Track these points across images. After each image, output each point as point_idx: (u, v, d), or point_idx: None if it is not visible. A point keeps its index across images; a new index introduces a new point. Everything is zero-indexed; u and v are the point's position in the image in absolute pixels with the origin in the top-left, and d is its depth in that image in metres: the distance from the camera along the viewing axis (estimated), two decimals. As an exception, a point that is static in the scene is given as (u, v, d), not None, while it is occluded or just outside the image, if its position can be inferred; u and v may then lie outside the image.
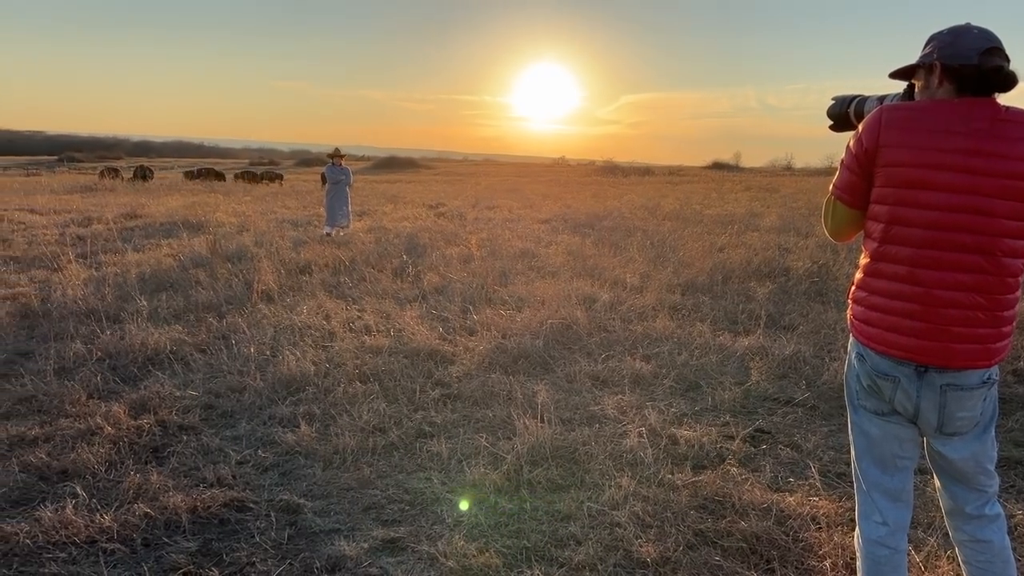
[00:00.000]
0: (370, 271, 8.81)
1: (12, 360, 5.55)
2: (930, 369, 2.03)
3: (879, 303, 2.09)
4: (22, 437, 4.15)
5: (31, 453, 3.91)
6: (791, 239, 11.59)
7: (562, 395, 4.84)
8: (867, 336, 2.12)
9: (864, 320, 2.14)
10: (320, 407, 4.58)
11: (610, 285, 8.14)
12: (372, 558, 3.00)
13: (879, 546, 2.21)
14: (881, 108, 2.06)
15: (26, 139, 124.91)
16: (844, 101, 2.39)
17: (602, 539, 3.10)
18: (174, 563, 2.94)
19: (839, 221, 2.22)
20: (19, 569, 2.89)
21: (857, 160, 2.09)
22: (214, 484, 3.59)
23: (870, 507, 2.24)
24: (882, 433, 2.18)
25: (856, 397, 2.23)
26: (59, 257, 9.34)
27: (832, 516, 3.25)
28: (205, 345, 5.84)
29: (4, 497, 3.48)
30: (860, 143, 2.08)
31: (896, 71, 2.17)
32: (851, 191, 2.14)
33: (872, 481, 2.24)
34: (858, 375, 2.20)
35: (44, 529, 3.13)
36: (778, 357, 5.53)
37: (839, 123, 2.41)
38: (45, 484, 3.62)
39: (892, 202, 2.03)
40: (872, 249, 2.11)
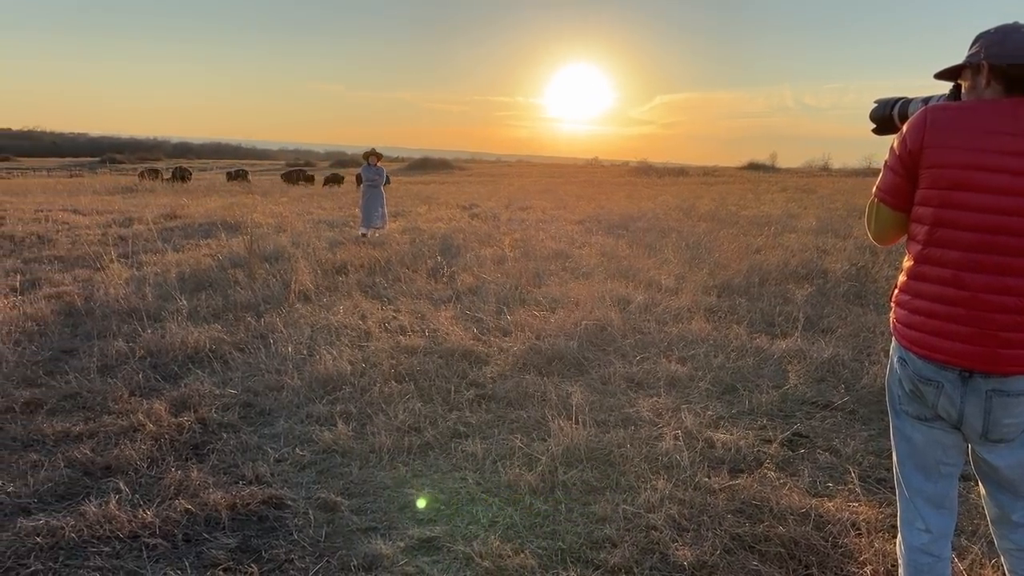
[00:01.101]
0: (405, 272, 8.87)
1: (57, 357, 5.68)
2: (975, 374, 1.99)
3: (923, 307, 2.05)
4: (67, 433, 4.25)
5: (76, 449, 4.00)
6: (829, 241, 11.44)
7: (597, 397, 4.82)
8: (910, 340, 2.09)
9: (907, 324, 2.10)
10: (356, 406, 4.62)
11: (645, 286, 8.10)
12: (408, 557, 3.02)
13: (922, 554, 2.17)
14: (926, 109, 2.02)
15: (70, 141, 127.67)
16: (887, 104, 2.35)
17: (638, 542, 3.09)
18: (214, 559, 2.98)
19: (882, 224, 2.19)
20: (65, 563, 2.95)
21: (901, 162, 2.06)
22: (253, 481, 3.64)
23: (912, 514, 2.21)
24: (925, 439, 2.15)
25: (898, 402, 2.19)
26: (101, 257, 9.54)
27: (873, 522, 3.19)
28: (244, 344, 5.92)
29: (50, 492, 3.56)
30: (904, 144, 2.04)
31: (942, 71, 2.12)
32: (895, 193, 2.10)
33: (915, 487, 2.20)
34: (900, 380, 2.16)
35: (89, 524, 3.19)
36: (816, 360, 5.46)
37: (882, 126, 2.37)
38: (89, 479, 3.70)
39: (937, 204, 2.00)
40: (916, 252, 2.08)
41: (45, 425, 4.33)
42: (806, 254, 9.94)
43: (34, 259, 10.44)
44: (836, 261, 9.28)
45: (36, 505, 3.42)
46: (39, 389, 4.93)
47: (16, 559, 2.95)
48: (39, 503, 3.44)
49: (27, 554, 2.99)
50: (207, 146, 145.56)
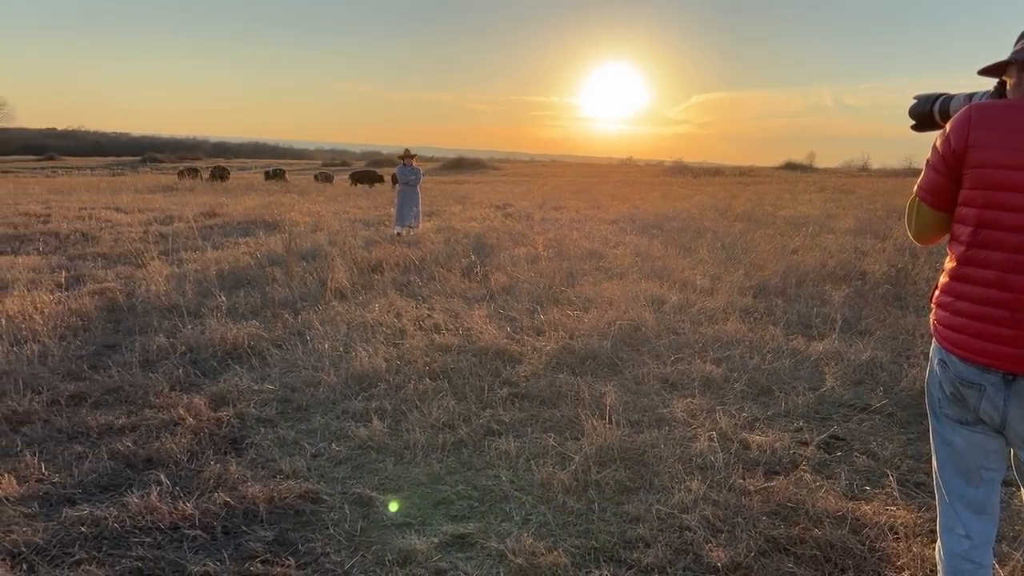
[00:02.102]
0: (439, 270, 8.91)
1: (100, 352, 5.80)
2: (1019, 378, 1.95)
3: (965, 308, 2.02)
4: (110, 426, 4.34)
5: (118, 441, 4.09)
6: (868, 242, 11.27)
7: (630, 397, 4.81)
8: (951, 342, 2.05)
9: (948, 326, 2.07)
10: (391, 403, 4.66)
11: (679, 287, 8.06)
12: (442, 553, 3.05)
13: (962, 560, 2.14)
14: (970, 107, 1.99)
15: (112, 140, 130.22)
16: (928, 100, 2.29)
17: (671, 542, 3.08)
18: (252, 551, 3.03)
19: (923, 223, 2.16)
20: (108, 552, 3.02)
21: (944, 161, 2.03)
22: (290, 476, 3.70)
23: (953, 519, 2.17)
24: (966, 443, 2.11)
25: (938, 405, 2.16)
26: (143, 254, 9.73)
27: (911, 526, 3.15)
28: (281, 341, 6.00)
29: (94, 483, 3.65)
30: (948, 143, 2.01)
31: (986, 68, 2.08)
32: (936, 193, 2.07)
33: (955, 493, 2.16)
34: (940, 382, 2.13)
35: (131, 514, 3.27)
36: (854, 363, 5.39)
37: (922, 123, 2.32)
38: (131, 471, 3.78)
39: (981, 205, 1.96)
40: (959, 253, 2.04)
41: (89, 418, 4.43)
42: (844, 255, 9.80)
43: (78, 256, 10.68)
44: (875, 263, 9.14)
45: (80, 496, 3.51)
46: (83, 383, 5.04)
47: (61, 548, 3.03)
48: (83, 494, 3.53)
49: (72, 543, 3.07)
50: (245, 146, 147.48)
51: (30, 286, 7.81)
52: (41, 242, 12.01)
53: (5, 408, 4.50)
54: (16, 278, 8.25)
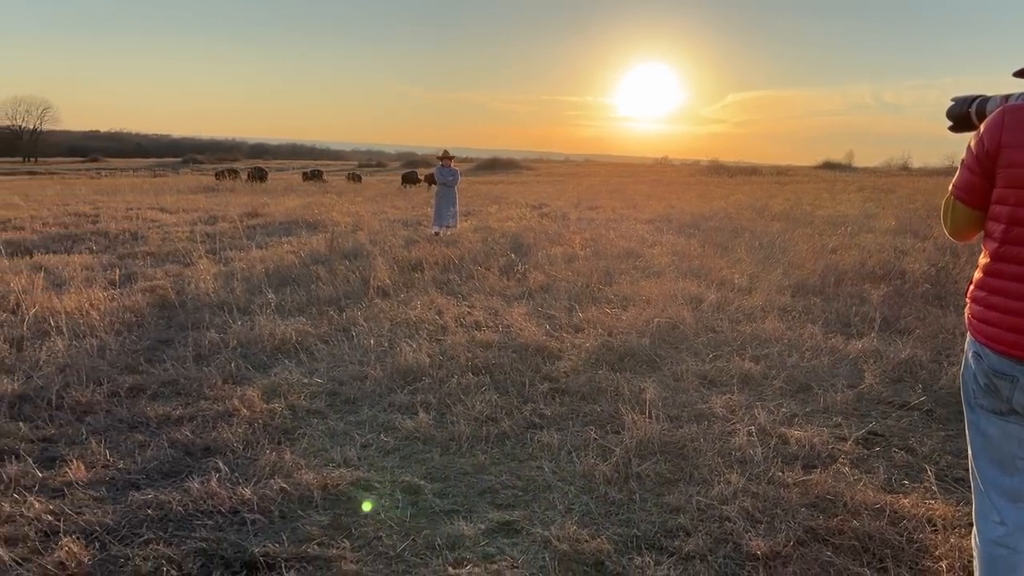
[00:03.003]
0: (478, 269, 9.05)
1: (154, 347, 6.03)
2: None
3: (998, 303, 2.09)
4: (168, 416, 4.54)
5: (177, 431, 4.28)
6: (907, 241, 11.18)
7: (669, 393, 4.90)
8: (985, 335, 2.13)
9: (982, 319, 2.14)
10: (436, 396, 4.80)
11: (717, 286, 8.10)
12: (489, 538, 3.17)
13: (997, 546, 2.21)
14: (1004, 108, 2.06)
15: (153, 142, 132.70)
16: (964, 101, 2.36)
17: (711, 531, 3.17)
18: (309, 534, 3.18)
19: (958, 221, 2.24)
20: (174, 533, 3.19)
21: (978, 160, 2.10)
22: (341, 464, 3.85)
23: (988, 507, 2.24)
24: (1000, 433, 2.18)
25: (973, 396, 2.23)
26: (191, 253, 10.01)
27: (949, 519, 3.20)
28: (327, 336, 6.19)
29: (156, 469, 3.83)
30: (981, 144, 2.09)
31: (1021, 70, 2.15)
32: (971, 191, 2.15)
33: (990, 481, 2.23)
34: (975, 374, 2.20)
35: (193, 499, 3.44)
36: (893, 361, 5.41)
37: (959, 124, 2.39)
38: (191, 459, 3.96)
39: (1014, 203, 2.03)
40: (992, 249, 2.12)
41: (148, 408, 4.64)
42: (883, 255, 9.75)
43: (128, 254, 11.02)
44: (915, 262, 9.09)
45: (144, 481, 3.69)
46: (140, 375, 5.26)
47: (130, 528, 3.22)
48: (147, 479, 3.72)
49: (139, 524, 3.25)
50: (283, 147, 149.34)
51: (85, 284, 8.10)
52: (92, 241, 12.39)
53: (70, 399, 4.72)
54: (72, 276, 8.56)
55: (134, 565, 2.93)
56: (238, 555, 3.01)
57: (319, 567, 2.96)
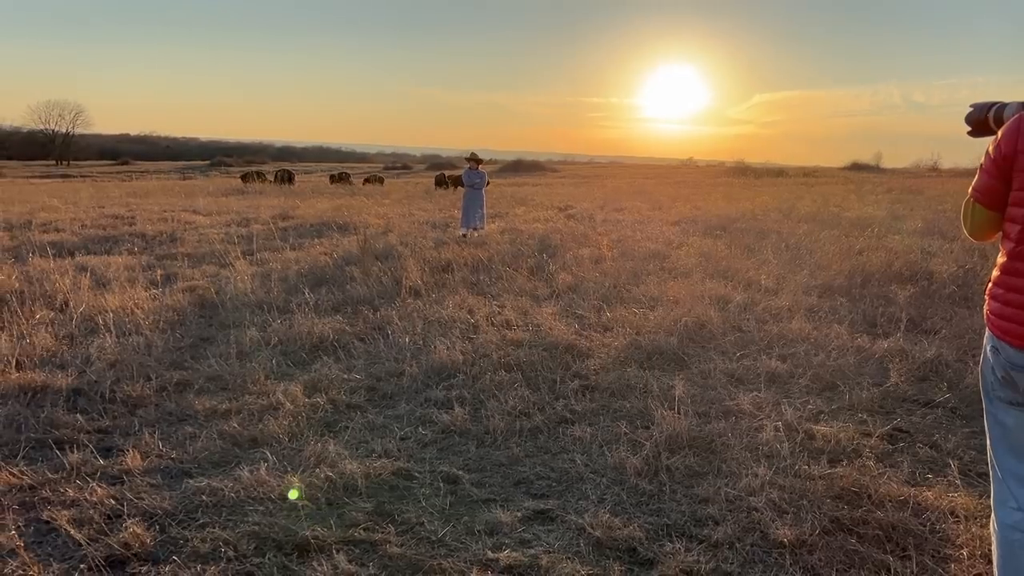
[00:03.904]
0: (506, 270, 9.21)
1: (197, 344, 6.26)
2: None
3: (1015, 299, 2.21)
4: (215, 410, 4.75)
5: (224, 423, 4.48)
6: (935, 243, 11.18)
7: (697, 390, 5.02)
8: (1002, 330, 2.25)
9: (1000, 315, 2.26)
10: (470, 392, 4.97)
11: (744, 286, 8.20)
12: (525, 525, 3.33)
13: (1014, 531, 2.33)
14: (1020, 115, 2.18)
15: (182, 145, 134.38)
16: (983, 108, 2.49)
17: (739, 521, 3.30)
18: (354, 520, 3.36)
19: (977, 222, 2.37)
20: (228, 517, 3.38)
21: (995, 164, 2.23)
22: (382, 455, 4.02)
23: (1005, 494, 2.36)
24: (1017, 423, 2.30)
25: (991, 388, 2.36)
26: (227, 254, 10.28)
27: (971, 510, 3.31)
28: (364, 335, 6.38)
29: (207, 459, 4.03)
30: (999, 148, 2.21)
31: None
32: (989, 194, 2.28)
33: (1007, 469, 2.35)
34: (993, 367, 2.32)
35: (244, 486, 3.63)
36: (919, 360, 5.49)
37: (977, 129, 2.51)
38: (239, 449, 4.16)
39: None
40: (1010, 249, 2.24)
41: (195, 402, 4.85)
42: (911, 256, 9.78)
43: (166, 256, 11.32)
44: (942, 263, 9.11)
45: (197, 470, 3.89)
46: (186, 371, 5.48)
47: (187, 513, 3.41)
48: (199, 468, 3.92)
49: (195, 509, 3.44)
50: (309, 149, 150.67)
51: (128, 283, 8.37)
52: (130, 243, 12.71)
53: (122, 393, 4.95)
54: (115, 276, 8.85)
55: (193, 546, 3.12)
56: (289, 538, 3.18)
57: (365, 550, 3.13)
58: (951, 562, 2.96)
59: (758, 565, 3.00)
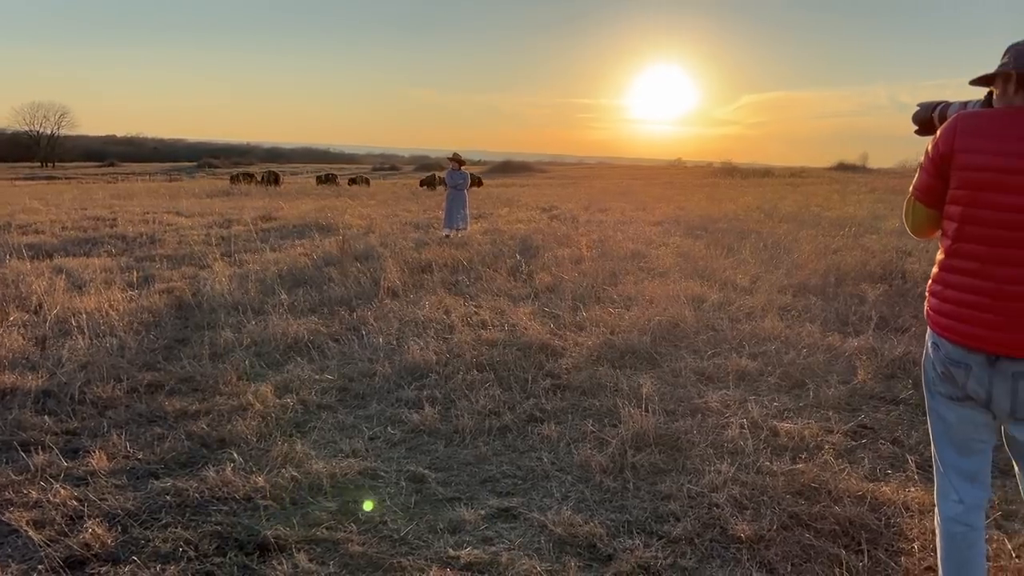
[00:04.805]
0: (486, 270, 9.23)
1: (171, 346, 6.25)
2: (1001, 358, 2.18)
3: (952, 296, 2.25)
4: (185, 411, 4.75)
5: (193, 424, 4.49)
6: (912, 242, 11.25)
7: (667, 388, 5.06)
8: (941, 326, 2.29)
9: (938, 311, 2.31)
10: (441, 392, 4.99)
11: (720, 286, 8.25)
12: (488, 523, 3.35)
13: (955, 523, 2.37)
14: (957, 115, 2.23)
15: (169, 146, 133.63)
16: (929, 107, 2.55)
17: (700, 517, 3.34)
18: (318, 519, 3.37)
19: (918, 220, 2.42)
20: (191, 518, 3.39)
21: (934, 163, 2.27)
22: (350, 455, 4.04)
23: (947, 487, 2.40)
24: (957, 417, 2.34)
25: (932, 384, 2.40)
26: (206, 255, 10.25)
27: (925, 504, 3.35)
28: (338, 335, 6.38)
29: (174, 460, 4.03)
30: (936, 147, 2.26)
31: (976, 79, 2.31)
32: (928, 192, 2.32)
33: (949, 463, 2.40)
34: (933, 363, 2.37)
35: (209, 486, 3.64)
36: (887, 358, 5.55)
37: (924, 128, 2.57)
38: (207, 450, 4.16)
39: (965, 203, 2.20)
40: (947, 246, 2.29)
41: (166, 403, 4.85)
42: (886, 255, 9.87)
43: (145, 257, 11.28)
44: (917, 262, 9.21)
45: (163, 470, 3.89)
46: (159, 373, 5.47)
47: (150, 513, 3.41)
48: (165, 468, 3.92)
49: (159, 510, 3.45)
50: (297, 151, 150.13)
51: (104, 285, 8.34)
52: (110, 244, 12.66)
53: (92, 394, 4.94)
54: (92, 278, 8.81)
55: (154, 546, 3.13)
56: (251, 537, 3.20)
57: (327, 549, 3.14)
58: (903, 555, 3.00)
59: (715, 560, 3.03)
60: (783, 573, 2.93)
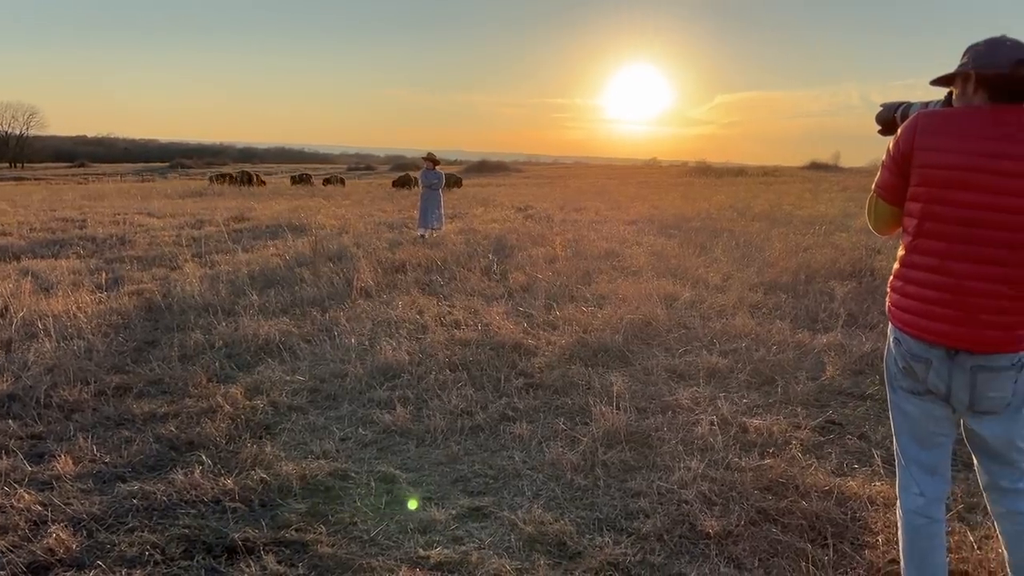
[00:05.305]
0: (460, 270, 9.22)
1: (141, 348, 6.18)
2: (960, 352, 2.22)
3: (913, 291, 2.29)
4: (154, 413, 4.70)
5: (162, 427, 4.44)
6: (881, 240, 11.41)
7: (639, 386, 5.08)
8: (902, 321, 2.33)
9: (899, 307, 2.35)
10: (414, 392, 4.98)
11: (692, 284, 8.30)
12: (459, 523, 3.35)
13: (916, 516, 2.41)
14: (917, 115, 2.27)
15: (141, 147, 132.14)
16: (892, 107, 2.59)
17: (669, 513, 3.36)
18: (287, 521, 3.35)
19: (880, 216, 2.46)
20: (158, 521, 3.36)
21: (895, 161, 2.31)
22: (320, 456, 4.02)
23: (909, 480, 2.44)
24: (919, 411, 2.38)
25: (894, 379, 2.44)
26: (177, 256, 10.15)
27: (890, 498, 3.39)
28: (310, 336, 6.35)
29: (142, 463, 3.99)
30: (897, 146, 2.30)
31: (936, 79, 2.36)
32: (889, 189, 2.36)
33: (910, 456, 2.44)
34: (895, 358, 2.41)
35: (177, 489, 3.61)
36: (856, 354, 5.62)
37: (887, 127, 2.61)
38: (175, 453, 4.12)
39: (925, 200, 2.24)
40: (907, 242, 2.32)
41: (134, 406, 4.80)
42: (856, 253, 9.98)
43: (115, 259, 11.14)
44: (886, 259, 9.31)
45: (131, 474, 3.85)
46: (127, 375, 5.41)
47: (116, 517, 3.38)
48: (133, 472, 3.88)
49: (125, 513, 3.41)
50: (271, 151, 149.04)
51: (72, 287, 8.23)
52: (79, 246, 12.48)
53: (58, 397, 4.87)
54: (59, 280, 8.69)
55: (120, 550, 3.09)
56: (219, 540, 3.17)
57: (296, 550, 3.12)
58: (868, 548, 3.05)
59: (684, 556, 3.06)
60: (750, 568, 2.96)
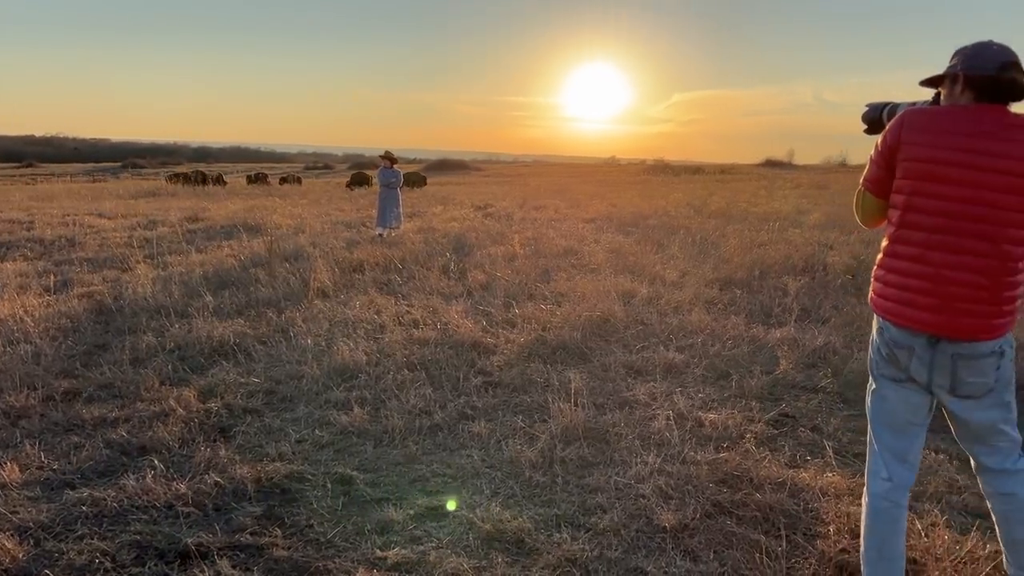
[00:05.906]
0: (419, 269, 9.19)
1: (91, 352, 6.03)
2: (941, 340, 2.33)
3: (895, 281, 2.41)
4: (104, 418, 4.60)
5: (113, 432, 4.35)
6: (833, 235, 11.65)
7: (597, 382, 5.12)
8: (885, 310, 2.44)
9: (882, 295, 2.47)
10: (371, 392, 4.94)
11: (649, 281, 8.38)
12: (417, 522, 3.34)
13: (882, 499, 2.50)
14: (905, 111, 2.40)
15: (91, 147, 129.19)
16: (878, 107, 2.72)
17: (626, 508, 3.39)
18: (241, 524, 3.31)
19: (868, 210, 2.58)
20: (108, 528, 3.29)
21: (882, 155, 2.44)
22: (276, 459, 3.97)
23: (879, 465, 2.54)
24: (897, 397, 2.48)
25: (876, 366, 2.54)
26: (128, 258, 9.94)
27: (842, 489, 3.48)
28: (266, 337, 6.26)
29: (91, 469, 3.90)
30: (885, 140, 2.42)
31: (925, 80, 2.50)
32: (877, 183, 2.48)
33: (884, 442, 2.54)
34: (878, 346, 2.51)
35: (128, 495, 3.54)
36: (808, 348, 5.73)
37: (872, 127, 2.74)
38: (127, 458, 4.04)
39: (908, 192, 2.36)
40: (891, 233, 2.45)
41: (84, 411, 4.68)
42: (808, 248, 10.17)
43: (64, 261, 10.86)
44: (838, 255, 9.51)
45: (80, 480, 3.76)
46: (76, 380, 5.28)
47: (65, 525, 3.30)
48: (82, 478, 3.79)
49: (74, 521, 3.33)
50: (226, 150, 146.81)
51: (19, 290, 8.01)
52: (26, 248, 12.15)
53: (3, 403, 4.74)
54: (5, 283, 8.45)
55: (68, 559, 3.02)
56: (172, 546, 3.12)
57: (251, 554, 3.08)
58: (819, 539, 3.10)
59: (641, 550, 3.08)
60: (706, 560, 3.00)
